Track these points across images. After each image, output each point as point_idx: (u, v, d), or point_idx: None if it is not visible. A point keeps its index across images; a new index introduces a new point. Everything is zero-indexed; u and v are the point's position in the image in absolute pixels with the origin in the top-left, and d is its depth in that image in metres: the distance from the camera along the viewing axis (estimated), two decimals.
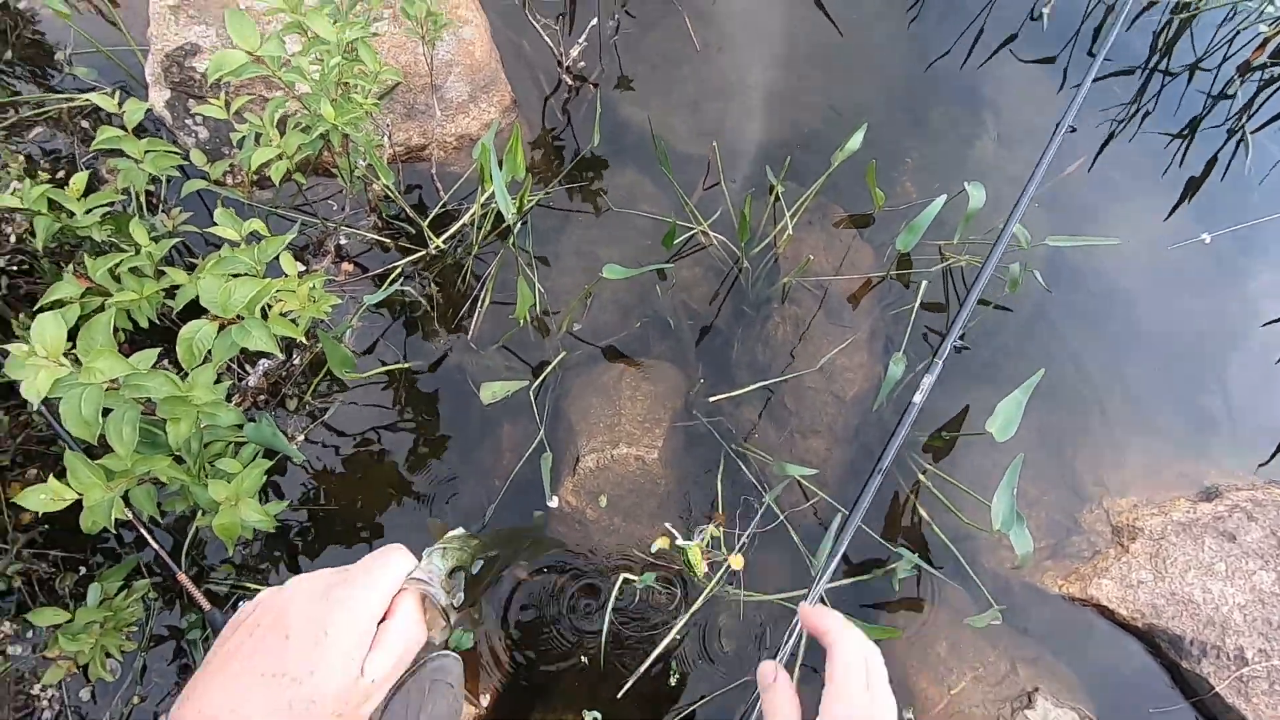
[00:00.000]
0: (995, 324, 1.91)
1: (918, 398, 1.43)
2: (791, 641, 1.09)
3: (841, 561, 1.64)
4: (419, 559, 0.59)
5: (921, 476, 1.71)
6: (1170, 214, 2.09)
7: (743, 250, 1.87)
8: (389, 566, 0.55)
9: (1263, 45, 2.24)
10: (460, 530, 0.64)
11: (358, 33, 1.35)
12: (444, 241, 1.83)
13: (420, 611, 0.57)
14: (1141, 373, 1.89)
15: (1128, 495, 1.71)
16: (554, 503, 1.63)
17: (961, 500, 1.69)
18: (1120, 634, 1.58)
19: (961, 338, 1.88)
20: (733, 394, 1.77)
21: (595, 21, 2.08)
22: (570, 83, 2.07)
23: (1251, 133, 2.17)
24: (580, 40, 2.04)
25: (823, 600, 1.53)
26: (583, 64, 2.08)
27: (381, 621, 0.54)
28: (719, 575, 1.59)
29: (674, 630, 1.54)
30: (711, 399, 1.76)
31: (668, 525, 1.58)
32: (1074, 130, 1.85)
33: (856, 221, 1.99)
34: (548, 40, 2.04)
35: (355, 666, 0.51)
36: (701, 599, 1.57)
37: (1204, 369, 1.90)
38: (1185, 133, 2.21)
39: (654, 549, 1.59)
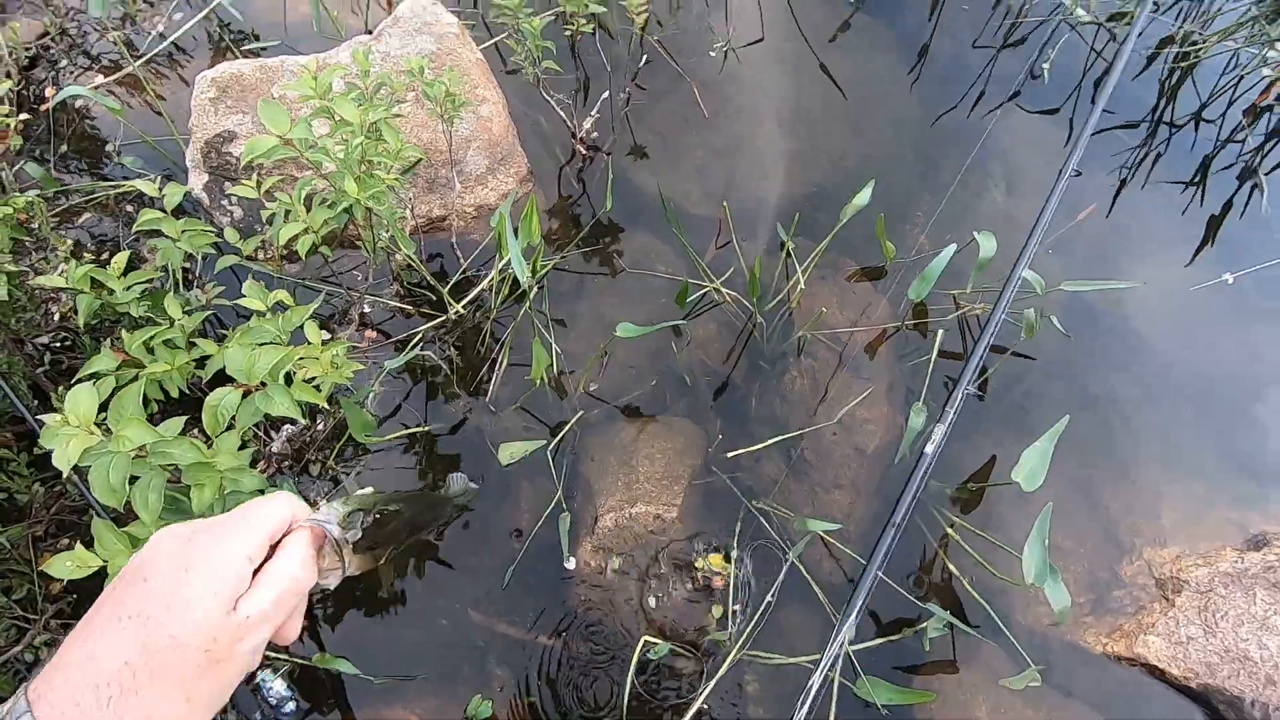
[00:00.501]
0: (1018, 371, 1.89)
1: (929, 449, 1.41)
2: (805, 708, 1.05)
3: (871, 621, 1.60)
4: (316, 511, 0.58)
5: (949, 530, 1.66)
6: (1192, 257, 2.07)
7: (756, 306, 1.89)
8: (265, 507, 0.53)
9: (1269, 88, 2.25)
10: (369, 489, 0.63)
11: (380, 114, 1.43)
12: (463, 307, 1.88)
13: (311, 550, 0.54)
14: (1174, 417, 1.84)
15: (1169, 545, 1.64)
16: (571, 564, 1.62)
17: (993, 554, 1.63)
18: (1174, 695, 1.49)
19: (982, 386, 1.85)
20: (751, 449, 1.75)
21: (607, 95, 2.18)
22: (584, 153, 2.15)
23: (1265, 174, 2.16)
24: (593, 113, 2.14)
25: (849, 659, 1.47)
26: (595, 135, 2.17)
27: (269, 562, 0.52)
28: (741, 643, 1.55)
29: (700, 698, 1.49)
30: (730, 455, 1.75)
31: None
32: (1079, 174, 1.86)
33: (869, 274, 2.01)
34: (561, 114, 2.14)
35: (222, 602, 0.47)
36: (726, 665, 1.52)
37: (1239, 411, 1.84)
38: (1198, 177, 2.21)
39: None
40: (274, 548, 0.53)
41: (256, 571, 0.51)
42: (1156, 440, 1.80)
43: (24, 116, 1.75)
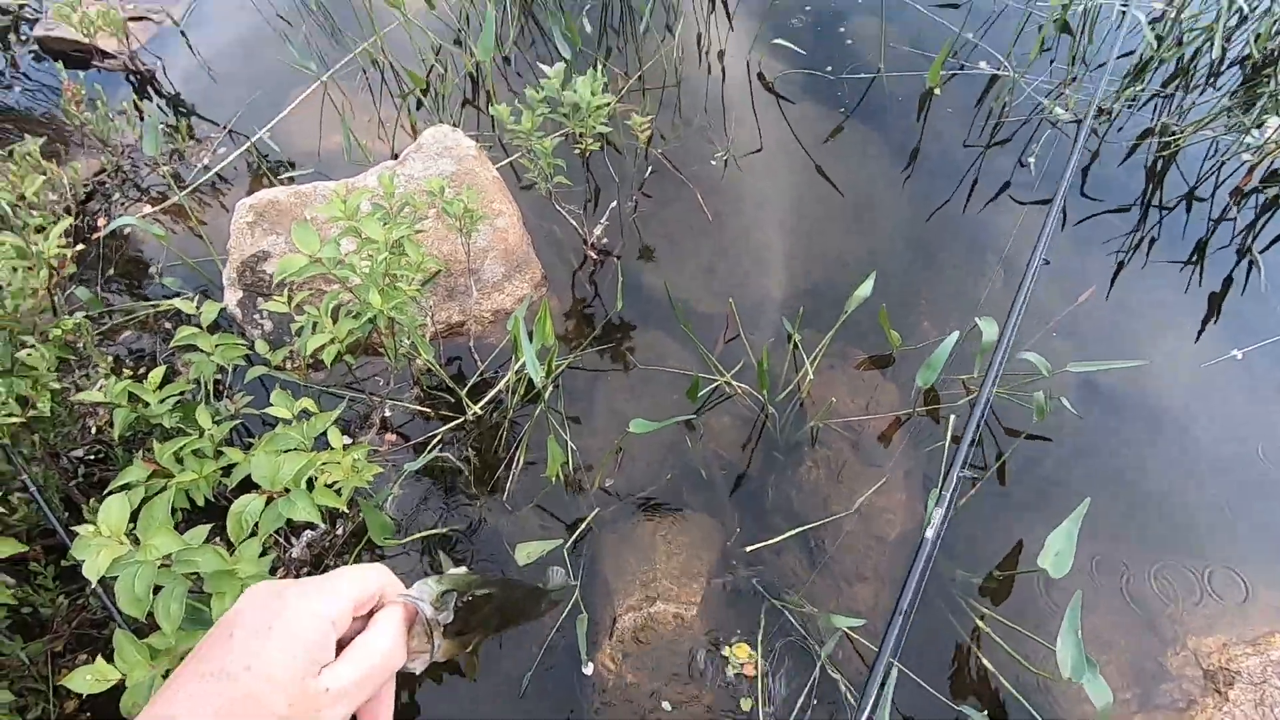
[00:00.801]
0: (1037, 454, 1.88)
1: (929, 533, 1.39)
2: None
3: None
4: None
5: (979, 622, 1.60)
6: (1198, 334, 2.09)
7: (766, 398, 1.92)
8: (355, 573, 0.51)
9: (1250, 172, 2.34)
10: (463, 569, 0.60)
11: (403, 231, 1.54)
12: (480, 408, 1.93)
13: (402, 628, 0.52)
14: (1202, 495, 1.80)
15: (1214, 633, 1.56)
16: (589, 669, 1.57)
17: (1029, 646, 1.56)
18: None
19: (1000, 470, 1.84)
20: (770, 542, 1.73)
21: (615, 203, 2.32)
22: (595, 257, 2.26)
23: (1260, 252, 2.21)
24: (603, 220, 2.26)
25: None
26: (605, 240, 2.29)
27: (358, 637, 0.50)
28: None
29: None
30: (748, 548, 1.73)
31: None
32: (1048, 263, 1.92)
33: (877, 362, 2.04)
34: (573, 223, 2.27)
35: (305, 667, 0.45)
36: None
37: (1269, 488, 1.80)
38: (1195, 256, 2.26)
39: None
40: (363, 620, 0.52)
41: (344, 644, 0.49)
42: (1187, 520, 1.76)
43: (79, 247, 1.89)
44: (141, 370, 2.05)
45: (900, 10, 2.78)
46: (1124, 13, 2.60)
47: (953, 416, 1.89)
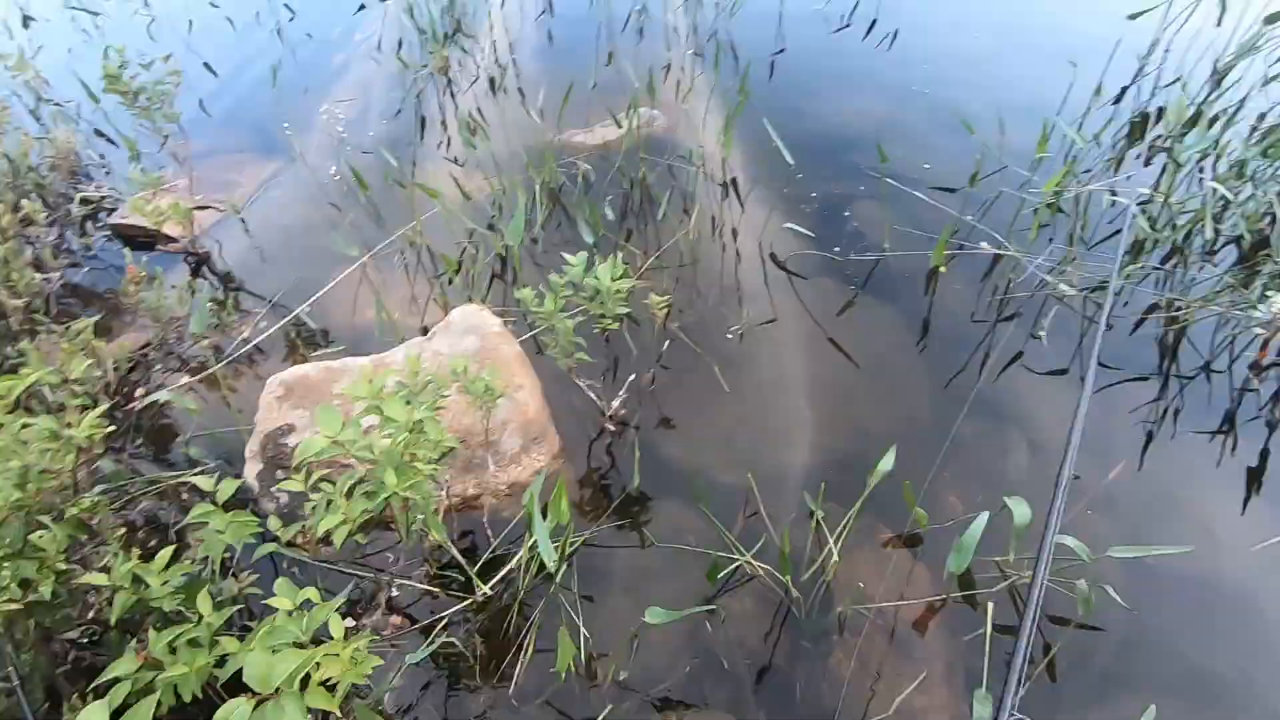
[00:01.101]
0: (1088, 646, 1.73)
1: None
2: None
3: None
4: None
5: None
6: (1242, 511, 1.99)
7: (788, 581, 1.82)
8: None
9: (1265, 346, 2.35)
10: None
11: (425, 413, 1.57)
12: (491, 588, 1.86)
13: None
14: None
15: None
16: None
17: None
18: None
19: (1049, 666, 1.69)
20: None
21: (634, 376, 2.37)
22: (613, 429, 2.28)
23: None
24: (621, 393, 2.30)
25: None
26: (624, 412, 2.31)
27: None
28: None
29: None
30: None
31: None
32: (1078, 478, 1.86)
33: (906, 541, 1.96)
34: (592, 395, 2.31)
35: None
36: None
37: None
38: (1225, 428, 2.21)
39: None
40: None
41: None
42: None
43: (110, 429, 1.94)
44: (153, 543, 2.03)
45: (900, 197, 2.97)
46: (1113, 203, 2.76)
47: (990, 604, 1.77)
